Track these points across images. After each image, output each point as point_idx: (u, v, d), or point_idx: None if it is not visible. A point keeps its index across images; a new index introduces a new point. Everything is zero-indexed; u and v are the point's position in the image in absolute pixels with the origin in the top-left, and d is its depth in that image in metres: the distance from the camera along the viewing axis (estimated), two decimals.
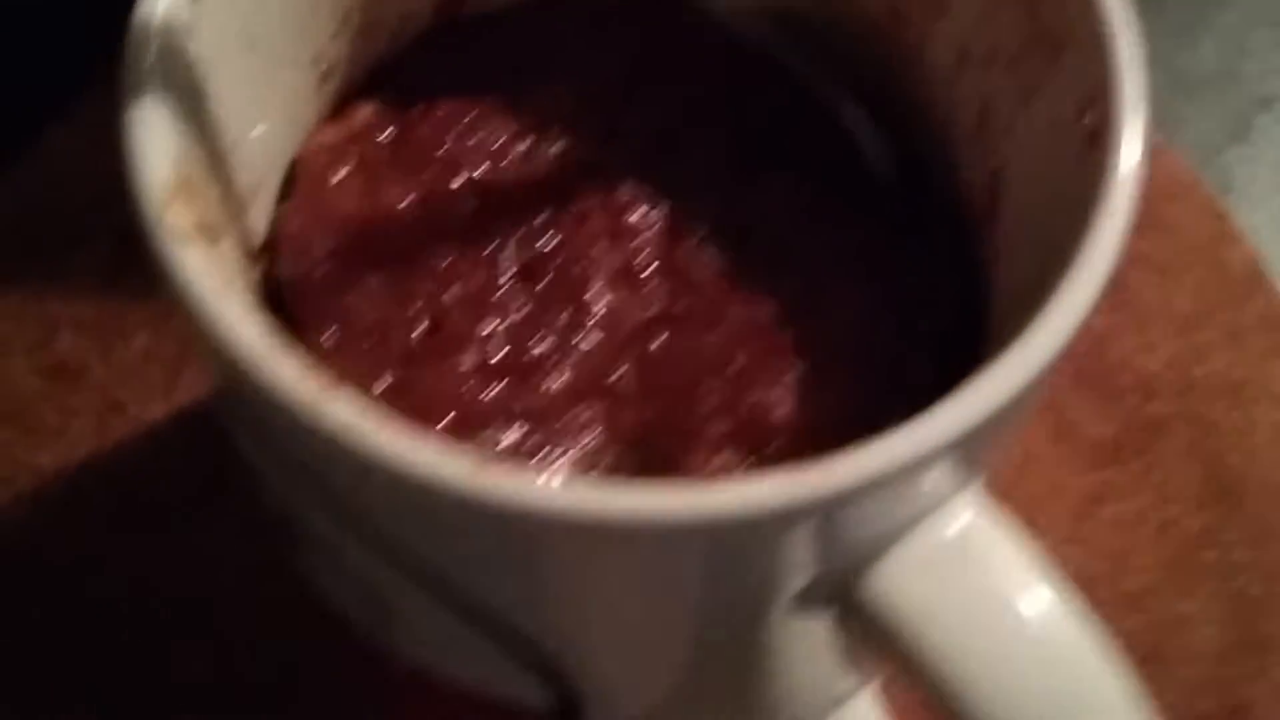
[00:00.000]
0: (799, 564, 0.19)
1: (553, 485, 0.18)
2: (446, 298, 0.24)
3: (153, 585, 0.32)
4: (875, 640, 0.20)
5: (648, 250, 0.25)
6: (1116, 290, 0.37)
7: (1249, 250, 0.37)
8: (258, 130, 0.24)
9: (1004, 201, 0.24)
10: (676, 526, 0.18)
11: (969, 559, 0.20)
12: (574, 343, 0.24)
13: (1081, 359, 0.36)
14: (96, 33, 0.39)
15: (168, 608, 0.32)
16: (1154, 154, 0.20)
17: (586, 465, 0.23)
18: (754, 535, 0.18)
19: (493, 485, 0.17)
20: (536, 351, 0.24)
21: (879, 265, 0.25)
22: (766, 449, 0.23)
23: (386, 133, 0.26)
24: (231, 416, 0.21)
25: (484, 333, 0.24)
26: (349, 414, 0.18)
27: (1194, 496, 0.35)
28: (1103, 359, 0.36)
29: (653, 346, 0.24)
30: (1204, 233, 0.38)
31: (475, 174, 0.25)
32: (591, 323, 0.24)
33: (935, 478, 0.19)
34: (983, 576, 0.20)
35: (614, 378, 0.24)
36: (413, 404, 0.22)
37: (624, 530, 0.18)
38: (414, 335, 0.24)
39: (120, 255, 0.37)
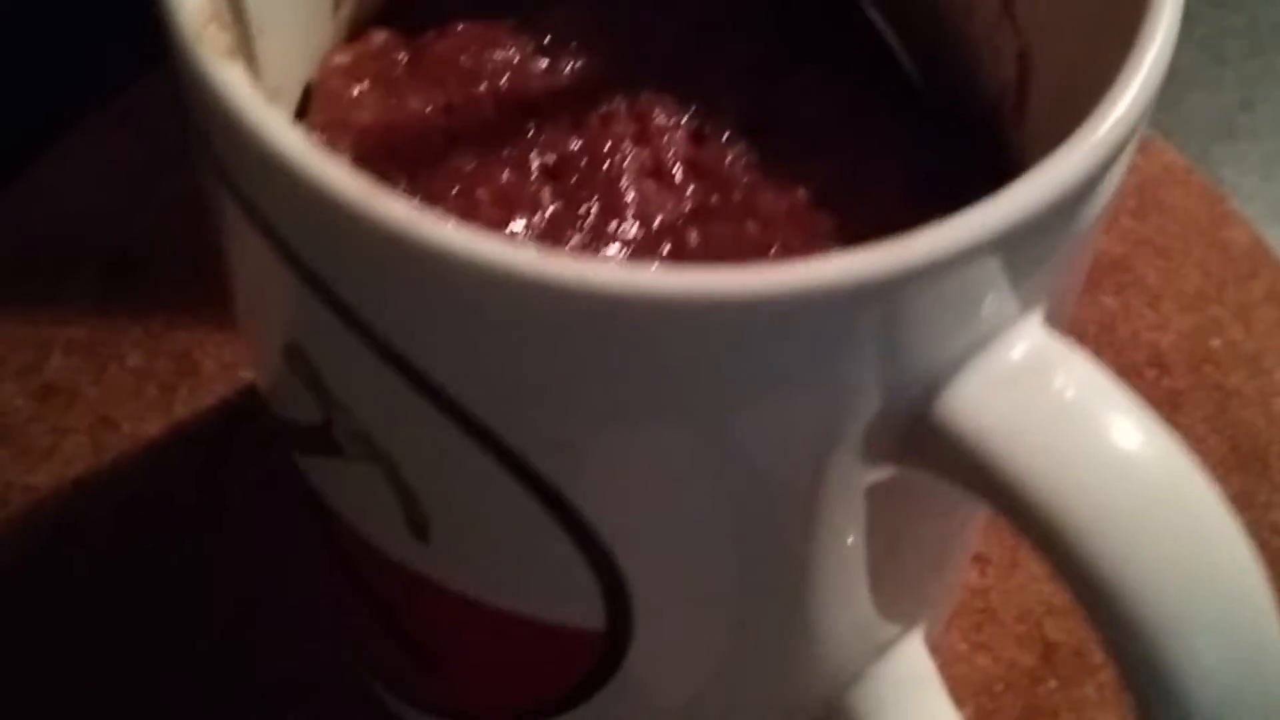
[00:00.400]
0: (867, 378, 0.18)
1: (619, 269, 0.17)
2: (475, 196, 0.23)
3: (154, 589, 0.31)
4: (953, 469, 0.19)
5: (675, 148, 0.24)
6: (1121, 272, 0.37)
7: (1249, 229, 0.38)
8: (274, 35, 0.23)
9: (1032, 86, 0.24)
10: (752, 302, 0.17)
11: (1044, 375, 0.19)
12: (608, 236, 0.23)
13: (1094, 338, 0.36)
14: (89, 61, 0.39)
15: (169, 611, 0.31)
16: (1148, 146, 0.19)
17: None
18: (829, 322, 0.17)
19: (558, 268, 0.17)
20: (570, 245, 0.23)
21: (914, 150, 0.24)
22: None
23: (402, 54, 0.25)
24: (261, 272, 0.20)
25: (515, 228, 0.23)
26: (404, 208, 0.17)
27: (1221, 463, 0.34)
28: (1114, 337, 0.36)
29: (689, 236, 0.23)
30: (1203, 215, 0.38)
31: (495, 85, 0.25)
32: (624, 217, 0.23)
33: (1002, 280, 0.18)
34: (1060, 390, 0.19)
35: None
36: None
37: (694, 310, 0.17)
38: None
39: (112, 278, 0.36)
